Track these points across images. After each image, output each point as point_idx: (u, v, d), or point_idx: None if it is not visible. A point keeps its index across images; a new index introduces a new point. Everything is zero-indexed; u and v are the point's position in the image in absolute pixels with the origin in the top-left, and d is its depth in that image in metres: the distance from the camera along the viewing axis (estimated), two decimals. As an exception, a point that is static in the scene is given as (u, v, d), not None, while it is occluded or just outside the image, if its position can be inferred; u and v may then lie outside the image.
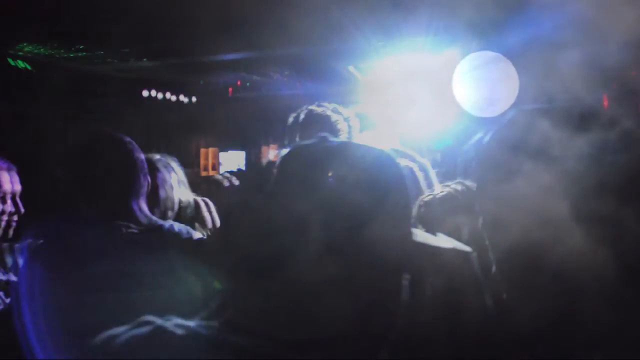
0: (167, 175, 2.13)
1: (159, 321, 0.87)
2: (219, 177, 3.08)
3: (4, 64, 4.19)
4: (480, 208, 1.03)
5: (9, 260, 2.11)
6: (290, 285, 0.83)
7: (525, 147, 0.93)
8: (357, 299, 0.85)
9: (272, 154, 8.13)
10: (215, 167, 8.24)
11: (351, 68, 5.95)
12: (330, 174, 0.84)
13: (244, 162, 8.50)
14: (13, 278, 1.94)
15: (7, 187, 1.87)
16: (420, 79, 5.80)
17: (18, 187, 1.96)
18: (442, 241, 1.30)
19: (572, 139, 0.88)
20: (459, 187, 1.59)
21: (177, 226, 1.90)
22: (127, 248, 1.76)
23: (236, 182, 2.87)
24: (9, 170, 1.92)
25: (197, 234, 2.01)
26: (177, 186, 2.15)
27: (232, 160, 8.38)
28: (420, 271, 1.07)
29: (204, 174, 7.75)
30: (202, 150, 8.29)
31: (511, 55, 4.04)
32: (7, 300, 1.87)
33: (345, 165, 0.87)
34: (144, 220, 1.76)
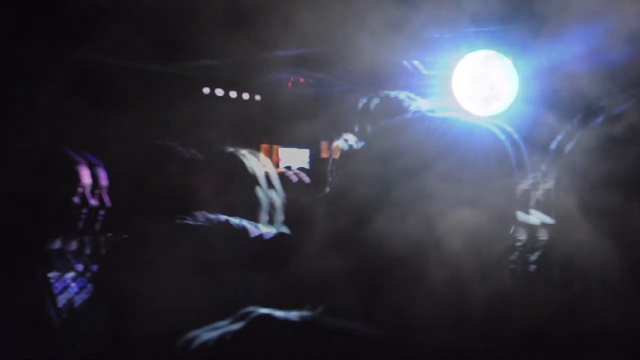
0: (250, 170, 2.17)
1: (261, 311, 0.86)
2: (289, 172, 3.10)
3: (77, 65, 4.35)
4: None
5: (89, 252, 2.19)
6: (395, 266, 0.82)
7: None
8: (466, 283, 0.83)
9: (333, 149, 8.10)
10: (276, 164, 8.32)
11: (416, 62, 5.87)
12: (436, 148, 0.81)
13: (307, 159, 8.52)
14: (93, 269, 2.01)
15: (87, 181, 1.92)
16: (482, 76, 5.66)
17: (103, 182, 2.02)
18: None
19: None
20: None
21: (243, 221, 1.96)
22: (197, 240, 1.84)
23: (305, 178, 2.87)
24: (92, 165, 1.97)
25: (266, 229, 2.03)
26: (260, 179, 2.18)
27: (293, 158, 8.41)
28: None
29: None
30: (263, 147, 8.37)
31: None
32: (86, 290, 1.94)
33: (452, 140, 0.84)
34: (209, 216, 1.92)
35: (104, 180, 2.04)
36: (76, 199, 1.90)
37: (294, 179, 2.96)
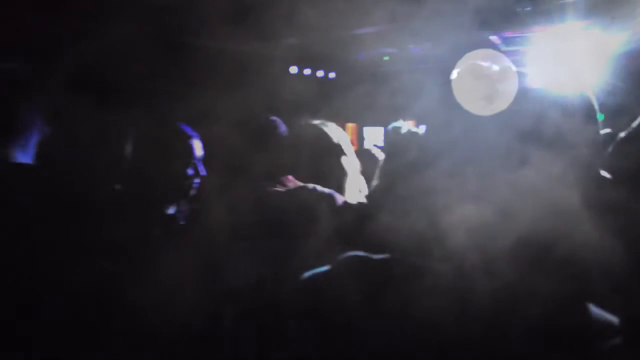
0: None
1: (360, 254, 1.01)
2: (374, 149, 3.29)
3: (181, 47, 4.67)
4: None
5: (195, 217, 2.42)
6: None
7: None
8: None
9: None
10: (355, 142, 8.43)
11: (494, 38, 5.81)
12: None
13: (382, 137, 8.54)
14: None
15: (198, 153, 2.19)
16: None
17: (202, 153, 2.27)
18: None
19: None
20: None
21: (323, 188, 2.12)
22: (290, 206, 2.04)
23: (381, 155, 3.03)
24: (195, 137, 2.23)
25: (342, 198, 2.19)
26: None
27: (374, 136, 8.47)
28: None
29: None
30: (348, 126, 8.47)
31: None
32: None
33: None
34: (299, 184, 2.07)
35: (202, 151, 2.29)
36: (190, 170, 2.17)
37: (379, 155, 3.13)
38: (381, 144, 8.34)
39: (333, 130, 2.39)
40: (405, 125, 5.44)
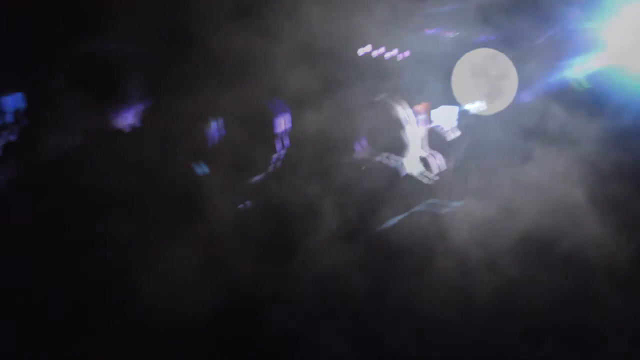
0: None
1: (439, 202, 1.18)
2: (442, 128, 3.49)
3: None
4: None
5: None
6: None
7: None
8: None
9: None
10: (427, 122, 8.43)
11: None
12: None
13: (456, 117, 8.50)
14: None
15: (286, 126, 2.44)
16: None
17: (290, 127, 2.51)
18: None
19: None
20: None
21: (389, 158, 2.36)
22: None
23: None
24: (282, 111, 2.49)
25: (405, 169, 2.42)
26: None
27: (443, 116, 8.46)
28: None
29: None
30: (416, 107, 8.50)
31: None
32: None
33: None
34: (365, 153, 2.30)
35: (289, 125, 2.50)
36: (278, 143, 2.40)
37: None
38: (453, 124, 8.32)
39: (393, 108, 2.63)
40: (477, 106, 5.53)
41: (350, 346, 1.24)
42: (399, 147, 2.53)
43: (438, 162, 2.80)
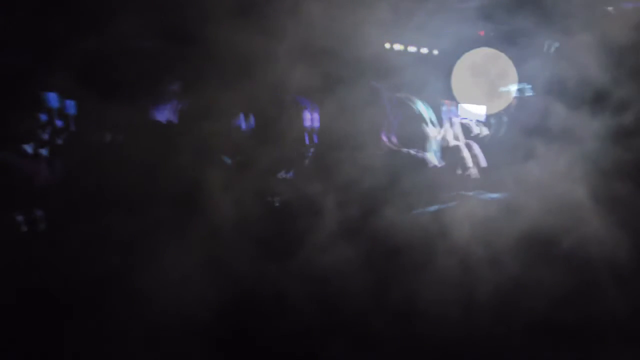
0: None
1: (470, 193, 1.19)
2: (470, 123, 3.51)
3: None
4: None
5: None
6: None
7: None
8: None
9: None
10: (456, 115, 8.37)
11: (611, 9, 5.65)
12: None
13: (483, 115, 8.46)
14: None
15: (313, 123, 2.49)
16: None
17: (317, 124, 2.55)
18: None
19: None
20: None
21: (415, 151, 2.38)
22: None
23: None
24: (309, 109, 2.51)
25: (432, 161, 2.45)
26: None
27: (471, 114, 8.41)
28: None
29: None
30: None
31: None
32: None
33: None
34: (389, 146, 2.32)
35: (317, 122, 2.55)
36: (305, 138, 2.45)
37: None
38: (481, 118, 8.26)
39: (415, 104, 2.69)
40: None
41: (352, 344, 1.23)
42: (423, 140, 2.57)
43: (476, 152, 2.81)
